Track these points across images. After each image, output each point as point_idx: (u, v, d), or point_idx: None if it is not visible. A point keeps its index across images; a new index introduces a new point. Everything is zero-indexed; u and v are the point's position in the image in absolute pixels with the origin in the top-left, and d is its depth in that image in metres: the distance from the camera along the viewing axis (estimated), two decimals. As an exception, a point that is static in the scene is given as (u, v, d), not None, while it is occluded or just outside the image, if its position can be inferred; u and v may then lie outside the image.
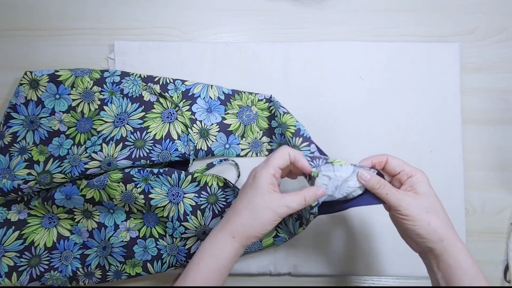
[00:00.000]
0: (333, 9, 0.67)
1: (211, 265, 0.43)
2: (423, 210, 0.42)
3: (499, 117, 0.65)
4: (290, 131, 0.55)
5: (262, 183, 0.44)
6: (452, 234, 0.42)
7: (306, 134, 0.54)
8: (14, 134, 0.60)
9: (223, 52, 0.64)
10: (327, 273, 0.61)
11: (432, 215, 0.42)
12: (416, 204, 0.42)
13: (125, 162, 0.57)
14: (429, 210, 0.42)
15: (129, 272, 0.59)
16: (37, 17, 0.65)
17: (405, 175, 0.44)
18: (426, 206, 0.42)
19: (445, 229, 0.42)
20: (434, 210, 0.42)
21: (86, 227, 0.59)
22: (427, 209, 0.42)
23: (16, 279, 0.57)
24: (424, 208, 0.42)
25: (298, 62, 0.64)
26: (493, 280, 0.63)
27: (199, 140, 0.61)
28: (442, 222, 0.42)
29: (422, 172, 0.45)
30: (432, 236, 0.41)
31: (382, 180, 0.45)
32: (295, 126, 0.55)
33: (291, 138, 0.55)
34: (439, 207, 0.43)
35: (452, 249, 0.41)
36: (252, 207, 0.43)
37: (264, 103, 0.62)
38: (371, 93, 0.63)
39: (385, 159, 0.46)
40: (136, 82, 0.62)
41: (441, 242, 0.41)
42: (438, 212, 0.43)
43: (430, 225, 0.41)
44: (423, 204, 0.42)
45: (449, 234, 0.42)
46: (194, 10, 0.66)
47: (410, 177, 0.44)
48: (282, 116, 0.58)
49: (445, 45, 0.64)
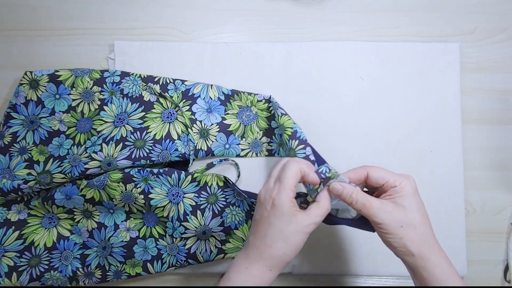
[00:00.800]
0: (333, 9, 0.67)
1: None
2: (397, 224, 0.41)
3: (498, 117, 0.65)
4: (287, 133, 0.55)
5: (285, 210, 0.42)
6: (426, 249, 0.41)
7: (302, 136, 0.54)
8: (14, 134, 0.60)
9: (223, 52, 0.64)
10: (327, 273, 0.61)
11: (406, 229, 0.41)
12: (390, 215, 0.41)
13: (125, 162, 0.57)
14: (403, 224, 0.41)
15: (129, 272, 0.59)
16: (37, 17, 0.65)
17: (389, 186, 0.43)
18: (401, 220, 0.41)
19: (419, 245, 0.41)
20: (410, 223, 0.41)
21: (86, 227, 0.59)
22: (402, 222, 0.41)
23: (16, 279, 0.57)
24: (399, 221, 0.41)
25: (298, 62, 0.64)
26: (493, 280, 0.63)
27: (199, 140, 0.61)
28: (416, 237, 0.41)
29: (408, 179, 0.43)
30: (403, 249, 0.41)
31: (355, 193, 0.42)
32: (292, 128, 0.55)
33: (288, 140, 0.55)
34: (418, 220, 0.42)
35: (424, 263, 0.41)
36: (283, 237, 0.42)
37: (263, 104, 0.62)
38: (371, 93, 0.63)
39: (365, 173, 0.44)
40: (136, 82, 0.62)
41: (412, 256, 0.41)
42: (414, 225, 0.41)
43: (402, 239, 0.41)
44: (398, 216, 0.41)
45: (423, 249, 0.41)
46: (194, 10, 0.66)
47: (394, 187, 0.42)
48: (280, 118, 0.58)
49: (445, 45, 0.64)
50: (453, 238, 0.61)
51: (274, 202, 0.42)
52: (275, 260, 0.43)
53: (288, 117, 0.57)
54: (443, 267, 0.41)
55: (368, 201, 0.42)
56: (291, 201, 0.42)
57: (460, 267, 0.61)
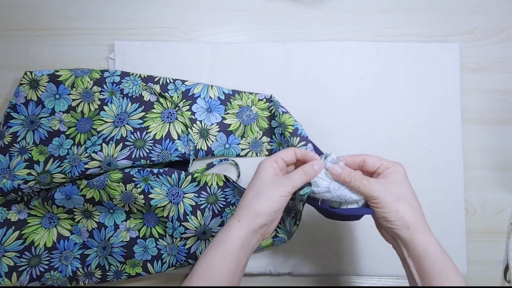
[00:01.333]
0: (333, 9, 0.67)
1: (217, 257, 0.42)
2: (392, 197, 0.43)
3: (498, 117, 0.65)
4: (289, 131, 0.56)
5: (264, 168, 0.45)
6: (420, 223, 0.43)
7: (303, 133, 0.55)
8: (14, 134, 0.60)
9: (223, 52, 0.64)
10: (327, 273, 0.61)
11: (401, 203, 0.43)
12: (386, 190, 0.43)
13: (125, 162, 0.57)
14: (399, 198, 0.43)
15: (129, 272, 0.59)
16: (37, 17, 0.65)
17: (384, 168, 0.45)
18: (396, 194, 0.43)
19: (414, 218, 0.42)
20: (405, 198, 0.43)
21: (86, 227, 0.59)
22: (397, 197, 0.43)
23: (16, 279, 0.57)
24: (394, 195, 0.43)
25: (298, 62, 0.64)
26: (493, 280, 0.63)
27: (199, 140, 0.61)
28: (411, 211, 0.43)
29: (400, 164, 0.46)
30: (399, 223, 0.42)
31: (353, 172, 0.45)
32: (293, 125, 0.56)
33: (290, 137, 0.55)
34: (411, 197, 0.44)
35: (419, 237, 0.42)
36: (256, 188, 0.44)
37: (264, 103, 0.62)
38: (371, 93, 0.63)
39: (361, 158, 0.47)
40: (136, 82, 0.62)
41: (407, 229, 0.42)
42: (409, 201, 0.43)
43: (398, 212, 0.42)
44: (393, 191, 0.43)
45: (417, 223, 0.42)
46: (194, 10, 0.66)
47: (387, 168, 0.45)
48: (281, 116, 0.58)
49: (445, 45, 0.64)
50: (453, 238, 0.61)
51: (259, 164, 0.46)
52: (243, 209, 0.44)
53: (289, 115, 0.57)
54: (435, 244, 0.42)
55: (366, 179, 0.44)
56: (271, 165, 0.45)
57: (460, 267, 0.60)
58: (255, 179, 0.46)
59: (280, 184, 0.44)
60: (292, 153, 0.47)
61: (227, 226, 0.44)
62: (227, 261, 0.42)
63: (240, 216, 0.44)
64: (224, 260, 0.42)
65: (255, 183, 0.45)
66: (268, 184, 0.44)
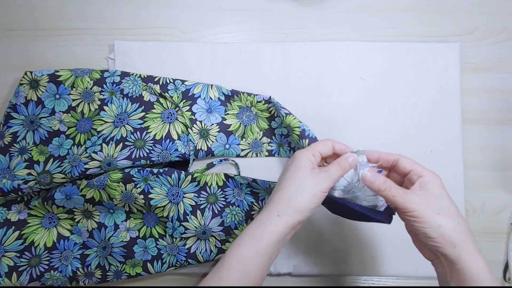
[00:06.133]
0: (333, 9, 0.67)
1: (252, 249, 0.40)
2: (433, 211, 0.39)
3: (499, 117, 0.65)
4: (296, 133, 0.56)
5: (302, 160, 0.43)
6: (467, 240, 0.39)
7: (311, 134, 0.55)
8: (14, 134, 0.60)
9: (223, 52, 0.64)
10: (327, 273, 0.61)
11: (443, 217, 0.39)
12: (426, 204, 0.39)
13: (125, 162, 0.57)
14: (440, 211, 0.39)
15: (129, 272, 0.59)
16: (37, 17, 0.65)
17: (416, 175, 0.42)
18: (437, 207, 0.39)
19: (459, 234, 0.38)
20: (447, 212, 0.39)
21: (86, 227, 0.60)
22: (438, 210, 0.39)
23: (16, 279, 0.57)
24: (435, 208, 0.39)
25: (298, 62, 0.64)
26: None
27: (199, 140, 0.61)
28: (455, 226, 0.39)
29: (435, 173, 0.42)
30: (443, 239, 0.38)
31: (389, 181, 0.41)
32: (299, 127, 0.56)
33: (299, 140, 0.55)
34: (453, 210, 0.40)
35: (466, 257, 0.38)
36: (295, 180, 0.42)
37: (263, 104, 0.62)
38: (371, 93, 0.63)
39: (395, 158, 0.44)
40: (136, 82, 0.62)
41: (453, 247, 0.38)
42: (451, 214, 0.39)
43: (440, 227, 0.38)
44: (433, 204, 0.39)
45: (463, 239, 0.38)
46: (194, 10, 0.66)
47: (421, 177, 0.42)
48: (285, 118, 0.58)
49: (445, 45, 0.64)
50: (453, 238, 0.61)
51: (295, 156, 0.44)
52: (283, 202, 0.41)
53: (293, 116, 0.57)
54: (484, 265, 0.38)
55: (402, 189, 0.41)
56: (309, 157, 0.44)
57: (460, 267, 0.61)
58: (292, 172, 0.43)
59: (320, 179, 0.42)
60: (330, 145, 0.45)
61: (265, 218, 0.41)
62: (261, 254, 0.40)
63: (280, 211, 0.41)
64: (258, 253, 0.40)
65: (293, 176, 0.43)
66: (308, 178, 0.42)
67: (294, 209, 0.41)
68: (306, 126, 0.56)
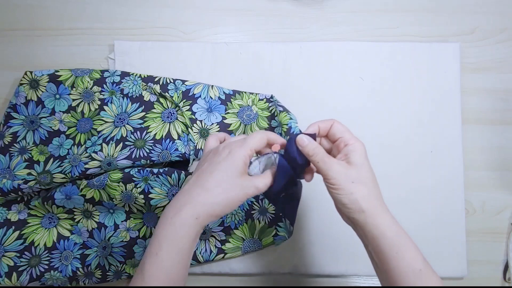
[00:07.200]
0: (333, 9, 0.67)
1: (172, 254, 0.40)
2: (348, 180, 0.41)
3: (499, 117, 0.65)
4: (284, 130, 0.56)
5: (239, 163, 0.42)
6: (376, 205, 0.42)
7: (296, 131, 0.55)
8: (14, 134, 0.60)
9: (223, 52, 0.64)
10: (327, 273, 0.61)
11: (357, 185, 0.41)
12: (344, 173, 0.42)
13: (125, 162, 0.57)
14: (355, 180, 0.41)
15: (129, 272, 0.59)
16: (37, 17, 0.65)
17: (343, 142, 0.44)
18: (353, 176, 0.42)
19: (368, 201, 0.41)
20: (362, 181, 0.42)
21: (86, 227, 0.59)
22: (354, 179, 0.42)
23: (16, 279, 0.57)
24: (351, 178, 0.42)
25: (298, 62, 0.64)
26: (493, 280, 0.63)
27: (199, 140, 0.61)
28: (366, 193, 0.41)
29: (361, 142, 0.44)
30: (353, 206, 0.41)
31: (318, 148, 0.43)
32: (287, 124, 0.56)
33: (285, 137, 0.55)
34: (369, 178, 0.43)
35: (373, 221, 0.41)
36: (225, 186, 0.41)
37: (264, 103, 0.62)
38: (371, 93, 0.63)
39: (331, 123, 0.45)
40: (136, 82, 0.62)
41: (362, 213, 0.41)
42: (365, 183, 0.42)
43: (352, 194, 0.41)
44: (351, 174, 0.42)
45: (371, 205, 0.41)
46: (194, 10, 0.66)
47: (347, 145, 0.44)
48: (279, 115, 0.58)
49: (445, 45, 0.64)
50: (453, 238, 0.61)
51: (232, 152, 0.42)
52: (207, 207, 0.40)
53: (285, 113, 0.57)
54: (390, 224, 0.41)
55: (327, 157, 0.43)
56: (246, 159, 0.42)
57: (460, 267, 0.61)
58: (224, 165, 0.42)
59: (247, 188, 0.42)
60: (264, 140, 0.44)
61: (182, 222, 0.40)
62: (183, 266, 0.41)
63: (200, 213, 0.40)
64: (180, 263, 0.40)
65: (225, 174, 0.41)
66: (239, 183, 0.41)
67: (213, 215, 0.41)
68: (295, 123, 0.56)
